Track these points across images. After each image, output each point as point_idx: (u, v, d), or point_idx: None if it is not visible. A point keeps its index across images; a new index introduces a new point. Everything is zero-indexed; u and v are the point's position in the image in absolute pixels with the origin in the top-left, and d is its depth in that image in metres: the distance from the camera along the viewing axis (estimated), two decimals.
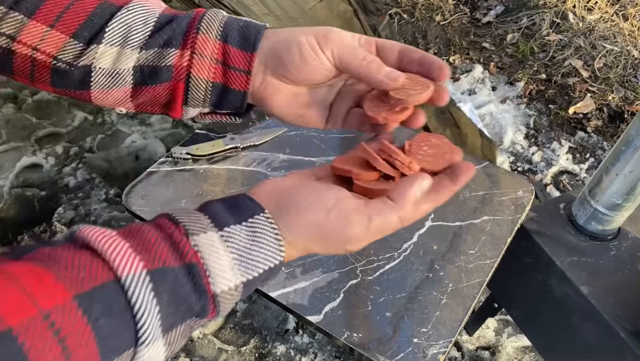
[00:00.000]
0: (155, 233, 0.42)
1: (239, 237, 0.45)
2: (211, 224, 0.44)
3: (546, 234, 1.10)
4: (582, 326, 1.05)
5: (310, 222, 0.47)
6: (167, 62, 0.54)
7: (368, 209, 0.47)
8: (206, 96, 0.56)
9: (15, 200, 2.01)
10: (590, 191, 1.06)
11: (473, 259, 1.00)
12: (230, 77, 0.55)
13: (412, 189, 0.48)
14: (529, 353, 1.66)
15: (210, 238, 0.43)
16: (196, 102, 0.56)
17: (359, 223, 0.47)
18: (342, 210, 0.47)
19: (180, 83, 0.55)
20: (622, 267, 1.05)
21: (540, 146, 2.27)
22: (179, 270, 0.41)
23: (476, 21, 2.86)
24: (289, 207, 0.48)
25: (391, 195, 0.48)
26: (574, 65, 2.52)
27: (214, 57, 0.54)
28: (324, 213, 0.47)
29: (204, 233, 0.43)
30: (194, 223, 0.44)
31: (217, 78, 0.55)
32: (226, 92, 0.56)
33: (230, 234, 0.44)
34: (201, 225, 0.44)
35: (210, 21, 0.55)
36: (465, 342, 1.68)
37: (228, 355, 1.65)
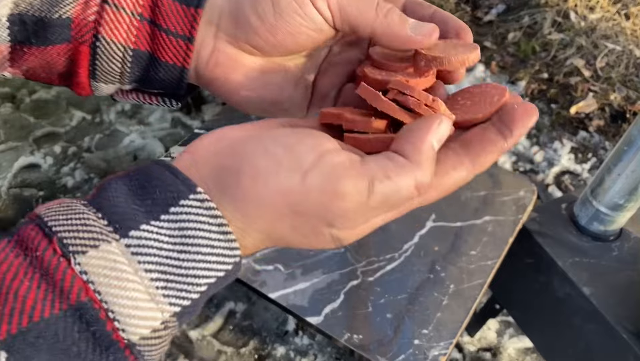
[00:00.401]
0: (16, 260, 0.26)
1: (157, 244, 0.27)
2: (108, 228, 0.27)
3: (548, 234, 1.10)
4: (584, 327, 1.04)
5: (277, 192, 0.29)
6: (62, 13, 0.36)
7: (368, 170, 0.30)
8: (124, 69, 0.38)
9: (13, 200, 2.00)
10: (592, 192, 1.05)
11: (474, 260, 0.99)
12: (161, 44, 0.37)
13: (429, 138, 0.31)
14: (531, 354, 1.65)
15: (106, 255, 0.26)
16: (108, 77, 0.39)
17: (354, 190, 0.29)
18: (328, 170, 0.29)
19: (83, 46, 0.37)
20: (624, 268, 1.05)
21: (542, 145, 2.26)
22: (61, 320, 0.25)
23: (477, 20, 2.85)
24: (240, 171, 0.29)
25: (399, 148, 0.31)
26: (576, 64, 2.51)
27: (136, 11, 0.37)
28: (298, 176, 0.29)
29: (94, 247, 0.26)
30: (77, 230, 0.26)
31: (142, 44, 0.38)
32: (155, 66, 0.38)
33: (141, 241, 0.27)
34: (90, 234, 0.26)
35: None
36: (466, 343, 1.67)
37: (227, 357, 1.64)
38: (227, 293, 1.73)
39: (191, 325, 1.69)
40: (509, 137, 0.33)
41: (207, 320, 1.70)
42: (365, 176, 0.29)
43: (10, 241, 0.27)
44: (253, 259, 0.99)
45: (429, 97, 0.32)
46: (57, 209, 0.28)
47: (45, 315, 0.24)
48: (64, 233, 0.26)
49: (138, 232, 0.27)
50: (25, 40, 0.37)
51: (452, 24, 0.37)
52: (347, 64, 0.41)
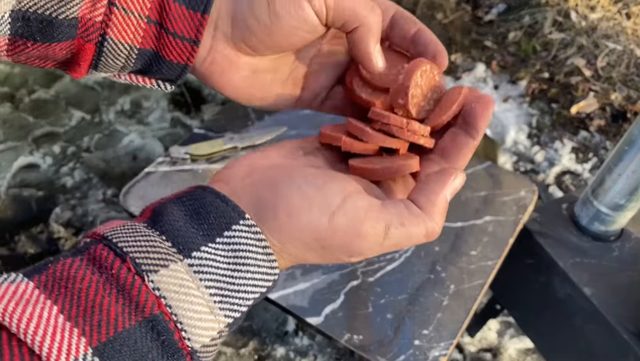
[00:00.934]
0: (93, 276, 0.28)
1: (215, 263, 0.31)
2: (173, 250, 0.31)
3: (549, 235, 1.09)
4: (585, 328, 1.04)
5: (308, 229, 0.33)
6: (69, 14, 0.36)
7: (386, 215, 0.34)
8: (127, 64, 0.40)
9: (12, 200, 2.00)
10: (593, 192, 1.05)
11: (475, 261, 0.99)
12: (166, 44, 0.39)
13: (444, 192, 0.35)
14: (531, 354, 1.65)
15: (175, 273, 0.30)
16: (111, 69, 0.40)
17: (373, 232, 0.33)
18: (352, 213, 0.33)
19: (88, 44, 0.38)
20: (625, 268, 1.04)
21: (542, 145, 2.26)
22: (137, 330, 0.28)
23: (478, 19, 2.85)
24: (277, 206, 0.33)
25: (416, 199, 0.35)
26: (577, 64, 2.51)
27: (144, 14, 0.37)
28: (326, 217, 0.33)
29: (165, 267, 0.30)
30: (148, 251, 0.30)
31: (148, 44, 0.39)
32: (158, 62, 0.40)
33: (202, 261, 0.31)
34: (159, 255, 0.30)
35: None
36: (466, 344, 1.66)
37: (227, 357, 1.64)
38: None
39: None
40: (476, 135, 0.38)
41: None
42: (383, 221, 0.34)
43: (82, 259, 0.29)
44: None
45: (403, 122, 0.37)
46: (123, 231, 0.31)
47: (126, 325, 0.28)
48: (136, 253, 0.30)
49: (199, 253, 0.31)
50: (29, 36, 0.37)
51: (431, 47, 0.40)
52: (336, 66, 0.43)
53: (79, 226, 1.92)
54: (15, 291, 0.27)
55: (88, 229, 1.90)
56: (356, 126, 0.38)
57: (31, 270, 0.29)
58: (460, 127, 0.38)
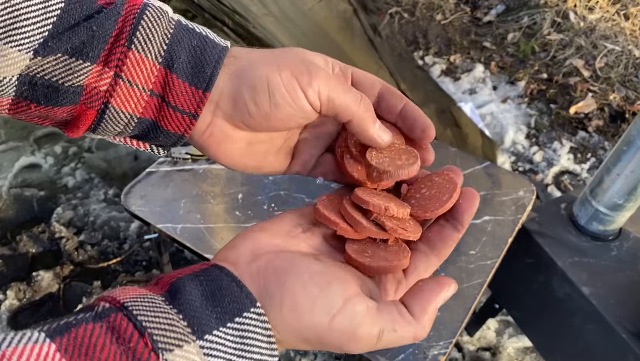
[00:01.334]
0: (112, 347, 0.30)
1: (223, 348, 0.33)
2: (188, 330, 0.32)
3: (547, 234, 1.10)
4: (583, 327, 1.05)
5: (309, 327, 0.36)
6: (76, 82, 0.37)
7: (381, 320, 0.37)
8: (125, 130, 0.41)
9: (14, 200, 2.01)
10: (592, 191, 1.06)
11: (474, 260, 1.00)
12: (166, 115, 0.40)
13: (436, 301, 0.38)
14: (530, 353, 1.65)
15: (188, 355, 0.32)
16: (108, 133, 0.42)
17: (368, 336, 0.36)
18: (350, 317, 0.36)
19: (90, 110, 0.39)
20: (624, 268, 1.05)
21: (541, 145, 2.26)
22: None
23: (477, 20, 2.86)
24: (283, 301, 0.36)
25: (409, 304, 0.38)
26: (575, 64, 2.52)
27: (147, 87, 0.39)
28: (327, 318, 0.36)
29: (179, 347, 0.31)
30: (165, 330, 0.31)
31: (148, 114, 0.40)
32: (156, 131, 0.41)
33: (212, 345, 0.33)
34: (175, 333, 0.32)
35: (151, 31, 0.38)
36: (466, 343, 1.67)
37: None
38: None
39: None
40: (461, 229, 0.41)
41: None
42: (378, 326, 0.36)
43: (102, 326, 0.30)
44: None
45: (382, 208, 0.40)
46: (143, 303, 0.32)
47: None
48: (154, 330, 0.31)
49: (210, 336, 0.33)
50: (33, 99, 0.38)
51: (420, 121, 0.42)
52: (326, 137, 0.46)
53: (81, 225, 1.92)
54: (39, 353, 0.28)
55: (90, 229, 1.91)
56: (351, 216, 0.40)
57: (53, 330, 0.30)
58: (447, 220, 0.41)
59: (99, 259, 1.83)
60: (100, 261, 1.82)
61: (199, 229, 1.03)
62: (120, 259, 1.83)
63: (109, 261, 1.83)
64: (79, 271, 1.80)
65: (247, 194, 1.10)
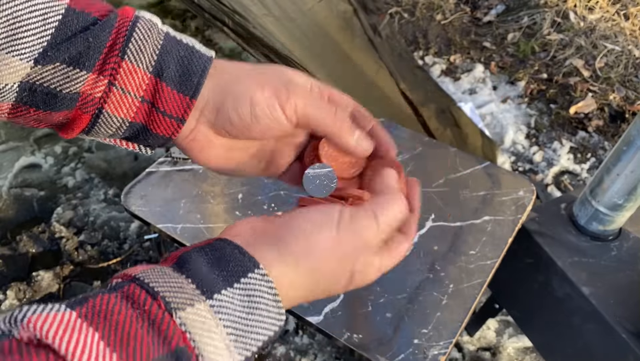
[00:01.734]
0: (128, 311, 0.32)
1: (232, 306, 0.36)
2: (197, 292, 0.35)
3: (547, 234, 1.10)
4: (583, 327, 1.05)
5: (323, 241, 0.40)
6: (73, 89, 0.41)
7: (372, 204, 0.43)
8: (117, 132, 0.45)
9: (14, 200, 2.01)
10: (592, 191, 1.06)
11: (474, 260, 1.00)
12: (155, 120, 0.44)
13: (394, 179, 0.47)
14: (530, 353, 1.65)
15: (199, 312, 0.34)
16: (100, 135, 0.45)
17: (368, 223, 0.42)
18: (348, 216, 0.41)
19: (85, 115, 0.43)
20: (624, 268, 1.05)
21: (541, 145, 2.27)
22: (165, 359, 0.32)
23: (477, 20, 2.86)
24: (297, 236, 0.40)
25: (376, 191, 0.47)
26: (575, 64, 2.52)
27: (139, 94, 0.43)
28: (335, 228, 0.40)
29: (191, 305, 0.34)
30: (176, 291, 0.34)
31: (139, 118, 0.44)
32: (145, 133, 0.45)
33: (222, 303, 0.35)
34: (185, 295, 0.34)
35: (142, 42, 0.42)
36: (466, 343, 1.67)
37: None
38: None
39: None
40: (410, 237, 0.46)
41: None
42: (371, 214, 0.42)
43: (117, 296, 0.33)
44: None
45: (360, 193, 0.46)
46: (153, 273, 0.35)
47: (156, 355, 0.31)
48: (166, 292, 0.34)
49: (219, 295, 0.35)
50: (32, 104, 0.42)
51: (384, 145, 0.48)
52: (297, 146, 0.50)
53: (81, 225, 1.92)
54: (62, 319, 0.30)
55: (90, 229, 1.91)
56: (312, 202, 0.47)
57: (72, 302, 0.32)
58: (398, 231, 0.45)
59: (99, 259, 1.83)
60: (100, 261, 1.83)
61: (199, 229, 1.03)
62: (120, 259, 1.83)
63: (109, 261, 1.83)
64: (79, 271, 1.80)
65: (247, 194, 1.10)
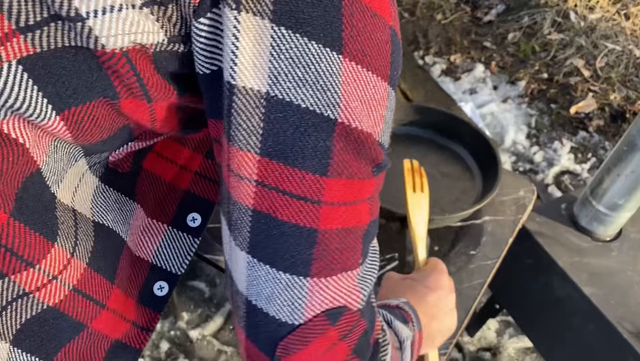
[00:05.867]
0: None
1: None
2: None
3: (548, 235, 1.10)
4: (584, 327, 1.05)
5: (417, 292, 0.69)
6: None
7: (432, 261, 0.78)
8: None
9: None
10: (592, 192, 1.06)
11: (474, 260, 0.99)
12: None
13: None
14: (531, 354, 1.65)
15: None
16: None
17: (444, 276, 0.73)
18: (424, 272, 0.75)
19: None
20: (624, 268, 1.05)
21: (541, 145, 2.26)
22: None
23: (477, 20, 2.85)
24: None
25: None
26: (576, 64, 2.51)
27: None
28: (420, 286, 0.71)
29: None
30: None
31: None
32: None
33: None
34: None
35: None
36: (466, 343, 1.67)
37: (227, 356, 1.64)
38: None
39: (191, 325, 1.69)
40: None
41: (207, 320, 1.70)
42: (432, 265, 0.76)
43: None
44: None
45: None
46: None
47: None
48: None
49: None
50: None
51: None
52: None
53: None
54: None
55: None
56: None
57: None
58: None
59: None
60: None
61: None
62: None
63: None
64: None
65: None
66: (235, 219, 0.41)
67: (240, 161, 0.39)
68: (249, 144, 0.38)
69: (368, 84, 0.38)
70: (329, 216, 0.40)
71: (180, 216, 0.56)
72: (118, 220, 0.51)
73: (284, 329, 0.41)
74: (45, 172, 0.42)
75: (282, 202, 0.39)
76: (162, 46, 0.38)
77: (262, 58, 0.36)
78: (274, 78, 0.36)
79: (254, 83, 0.36)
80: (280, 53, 0.36)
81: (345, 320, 0.42)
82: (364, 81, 0.38)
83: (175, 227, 0.56)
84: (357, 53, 0.37)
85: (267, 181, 0.39)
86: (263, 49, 0.36)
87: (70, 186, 0.45)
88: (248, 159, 0.38)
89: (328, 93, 0.37)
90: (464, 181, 1.11)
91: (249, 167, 0.39)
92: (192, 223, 0.56)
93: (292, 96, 0.37)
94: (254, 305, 0.42)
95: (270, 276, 0.40)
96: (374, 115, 0.40)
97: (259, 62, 0.36)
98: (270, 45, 0.36)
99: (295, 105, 0.37)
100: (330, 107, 0.38)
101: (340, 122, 0.38)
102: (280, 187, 0.39)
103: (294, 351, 0.41)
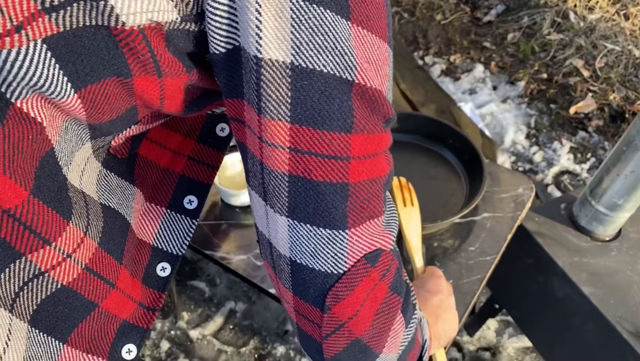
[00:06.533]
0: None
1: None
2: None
3: (547, 234, 1.10)
4: (583, 327, 1.05)
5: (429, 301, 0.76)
6: None
7: (430, 268, 0.86)
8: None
9: None
10: (592, 192, 1.06)
11: (473, 256, 1.00)
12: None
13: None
14: (530, 353, 1.65)
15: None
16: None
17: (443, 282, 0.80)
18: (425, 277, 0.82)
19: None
20: (624, 268, 1.05)
21: (541, 145, 2.26)
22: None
23: (477, 20, 2.86)
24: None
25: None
26: (575, 64, 2.52)
27: None
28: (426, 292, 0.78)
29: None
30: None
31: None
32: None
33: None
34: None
35: None
36: (465, 343, 1.67)
37: (228, 356, 1.64)
38: (227, 293, 1.73)
39: (192, 325, 1.69)
40: None
41: (208, 320, 1.70)
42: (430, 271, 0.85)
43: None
44: (253, 255, 0.99)
45: None
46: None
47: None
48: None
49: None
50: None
51: None
52: None
53: None
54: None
55: None
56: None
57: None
58: None
59: None
60: None
61: (199, 227, 1.03)
62: None
63: None
64: None
65: None
66: (273, 188, 0.44)
67: (273, 131, 0.41)
68: (279, 113, 0.41)
69: (373, 46, 0.42)
70: (357, 169, 0.44)
71: (177, 199, 0.59)
72: (122, 204, 0.54)
73: (330, 279, 0.45)
74: (58, 153, 0.44)
75: (315, 164, 0.42)
76: (175, 24, 0.40)
77: (284, 30, 0.38)
78: (296, 48, 0.39)
79: (279, 55, 0.39)
80: (300, 24, 0.38)
81: (382, 260, 0.47)
82: (369, 43, 0.41)
83: (173, 210, 0.59)
84: (362, 18, 0.40)
85: (300, 146, 0.42)
86: (284, 21, 0.38)
87: (78, 169, 0.47)
88: (280, 127, 0.41)
89: (345, 57, 0.40)
90: (452, 182, 1.12)
91: (282, 135, 0.41)
92: (189, 205, 0.59)
93: (315, 64, 0.40)
94: (299, 263, 0.45)
95: (312, 233, 0.44)
96: (380, 74, 0.43)
97: (281, 35, 0.39)
98: (290, 17, 0.38)
99: (318, 71, 0.40)
100: (348, 70, 0.41)
101: (357, 82, 0.41)
102: (312, 150, 0.42)
103: (342, 297, 0.46)
